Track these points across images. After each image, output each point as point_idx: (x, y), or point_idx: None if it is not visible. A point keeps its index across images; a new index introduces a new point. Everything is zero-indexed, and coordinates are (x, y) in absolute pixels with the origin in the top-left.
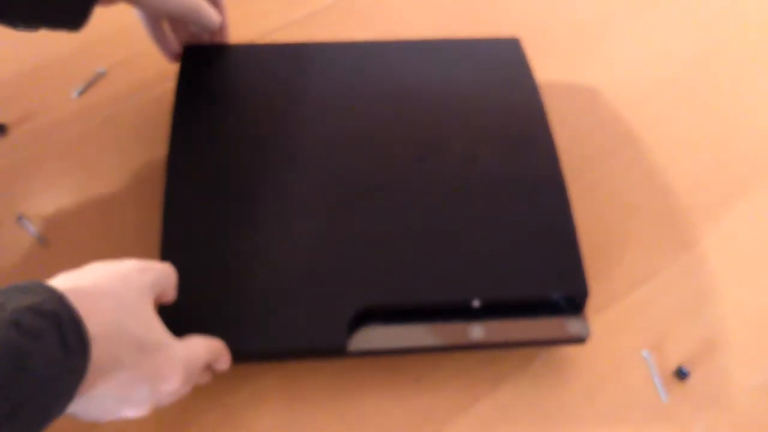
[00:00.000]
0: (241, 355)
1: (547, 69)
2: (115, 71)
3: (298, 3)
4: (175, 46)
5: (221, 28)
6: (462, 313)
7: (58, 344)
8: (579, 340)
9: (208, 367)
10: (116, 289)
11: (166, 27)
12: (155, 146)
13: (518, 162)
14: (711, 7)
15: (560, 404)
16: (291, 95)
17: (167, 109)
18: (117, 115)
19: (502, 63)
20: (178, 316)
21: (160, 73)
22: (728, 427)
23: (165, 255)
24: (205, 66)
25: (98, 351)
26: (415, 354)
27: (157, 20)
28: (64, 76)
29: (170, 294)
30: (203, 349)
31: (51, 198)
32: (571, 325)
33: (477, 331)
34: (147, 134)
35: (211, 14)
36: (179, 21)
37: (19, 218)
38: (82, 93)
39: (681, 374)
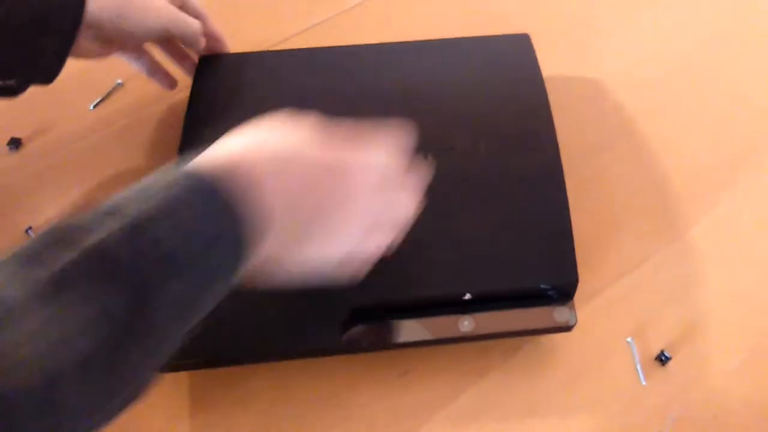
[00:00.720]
0: (236, 356)
1: (552, 63)
2: (130, 83)
3: (315, 9)
4: (170, 76)
5: (214, 39)
6: (452, 305)
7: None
8: (566, 328)
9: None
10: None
11: (159, 56)
12: (170, 157)
13: (520, 156)
14: (711, 1)
15: (544, 392)
16: (304, 99)
17: (182, 120)
18: (131, 127)
19: (511, 59)
20: None
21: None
22: (706, 408)
23: None
24: (220, 75)
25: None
26: (404, 348)
27: (142, 55)
28: (80, 89)
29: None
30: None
31: (60, 210)
32: (559, 314)
33: (467, 323)
34: (162, 145)
35: (189, 21)
36: (162, 42)
37: (27, 231)
38: (97, 105)
39: (663, 358)
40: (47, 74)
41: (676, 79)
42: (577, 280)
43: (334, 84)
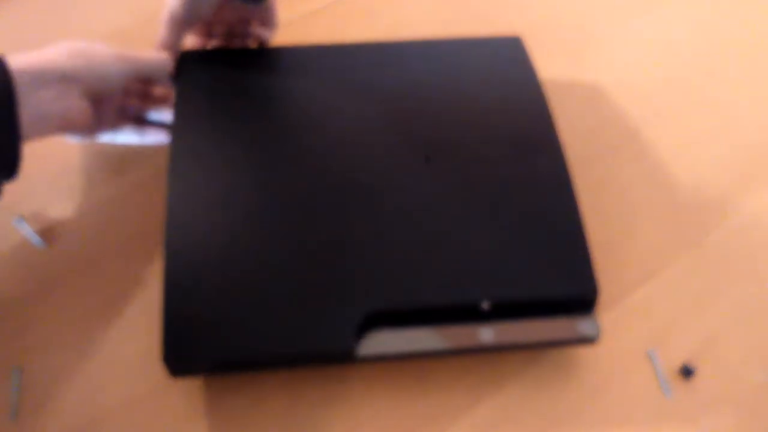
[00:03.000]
0: (248, 361)
1: (549, 67)
2: None
3: (298, 3)
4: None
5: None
6: (471, 315)
7: None
8: (589, 340)
9: None
10: None
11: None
12: (157, 147)
13: (525, 162)
14: (713, 4)
15: (565, 404)
16: (293, 98)
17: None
18: None
19: (505, 62)
20: (180, 323)
21: None
22: (734, 423)
23: (168, 259)
24: (203, 70)
25: None
26: (422, 358)
27: (123, 118)
28: None
29: None
30: None
31: (51, 199)
32: (582, 326)
33: (487, 333)
34: None
35: (154, 56)
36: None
37: (19, 220)
38: None
39: (686, 372)
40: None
41: (678, 85)
42: (596, 289)
43: (320, 82)
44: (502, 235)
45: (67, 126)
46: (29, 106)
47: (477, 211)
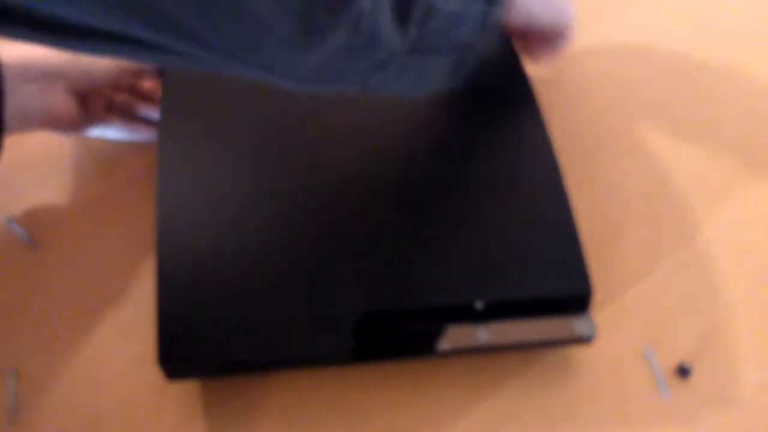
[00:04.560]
0: (243, 364)
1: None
2: None
3: None
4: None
5: None
6: (466, 315)
7: None
8: (585, 339)
9: None
10: None
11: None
12: (149, 143)
13: (515, 160)
14: None
15: (562, 404)
16: (283, 92)
17: None
18: None
19: (491, 54)
20: (175, 325)
21: None
22: (733, 423)
23: (161, 262)
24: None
25: None
26: (419, 358)
27: (112, 116)
28: None
29: None
30: None
31: (42, 199)
32: (577, 325)
33: (482, 333)
34: None
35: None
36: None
37: (10, 221)
38: None
39: (682, 371)
40: None
41: (668, 78)
42: (590, 288)
43: None
44: (494, 235)
45: (50, 122)
46: (12, 99)
47: (468, 210)
